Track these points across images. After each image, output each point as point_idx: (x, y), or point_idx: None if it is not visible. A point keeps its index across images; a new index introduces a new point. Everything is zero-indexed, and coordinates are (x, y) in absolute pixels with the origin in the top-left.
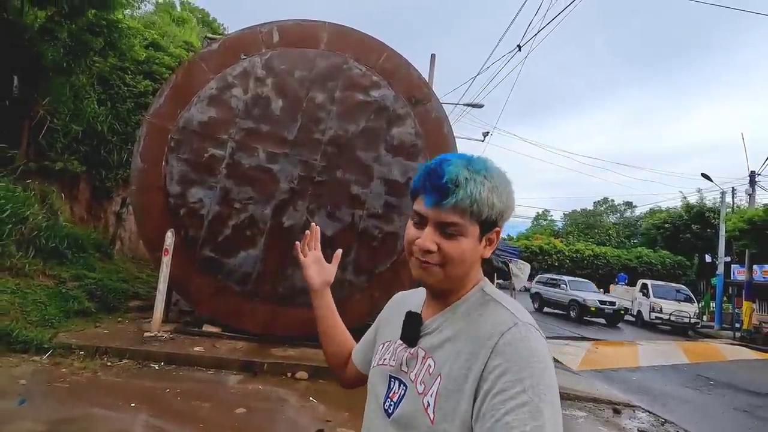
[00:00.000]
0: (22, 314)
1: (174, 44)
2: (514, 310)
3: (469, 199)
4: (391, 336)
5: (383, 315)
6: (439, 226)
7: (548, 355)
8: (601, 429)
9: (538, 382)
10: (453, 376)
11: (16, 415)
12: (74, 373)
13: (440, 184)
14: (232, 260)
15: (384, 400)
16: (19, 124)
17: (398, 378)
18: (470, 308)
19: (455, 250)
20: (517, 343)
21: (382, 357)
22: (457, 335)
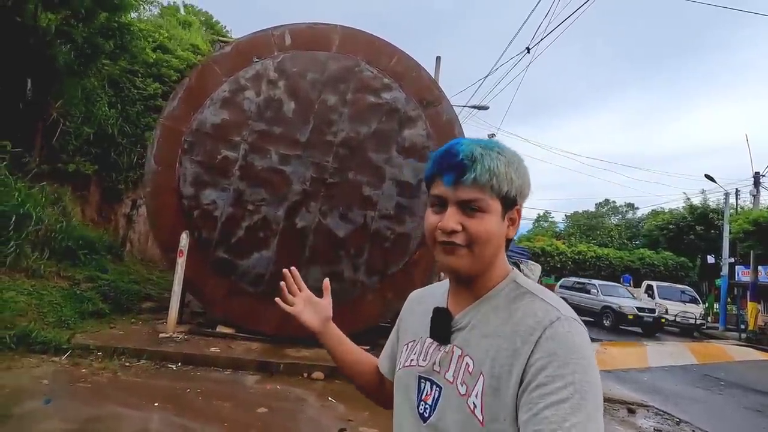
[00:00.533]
0: (39, 315)
1: (181, 47)
2: (555, 304)
3: (488, 173)
4: (415, 335)
5: (403, 316)
6: (461, 205)
7: (592, 350)
8: (617, 428)
9: (581, 379)
10: (496, 374)
11: (44, 414)
12: (94, 373)
13: (457, 162)
14: (245, 261)
15: (417, 404)
16: (32, 127)
17: (429, 378)
18: (505, 301)
19: (481, 227)
20: (560, 337)
21: (408, 358)
22: (495, 331)
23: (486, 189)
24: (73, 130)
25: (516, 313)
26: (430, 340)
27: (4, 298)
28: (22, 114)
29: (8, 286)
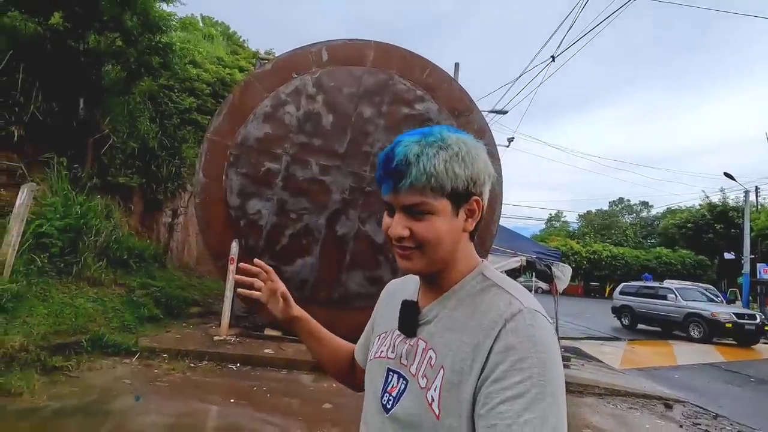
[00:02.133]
0: (105, 321)
1: (208, 60)
2: (519, 295)
3: (424, 175)
4: (387, 327)
5: (378, 306)
6: (406, 210)
7: (554, 344)
8: (658, 422)
9: (539, 373)
10: (456, 369)
11: (140, 409)
12: (167, 373)
13: (392, 169)
14: (290, 268)
15: (381, 395)
16: (84, 143)
17: (398, 371)
18: (470, 294)
19: (427, 231)
20: (520, 330)
21: (379, 349)
22: (459, 324)
23: (426, 191)
24: (119, 145)
25: (480, 306)
26: (397, 333)
27: (76, 305)
28: (75, 131)
29: (77, 294)
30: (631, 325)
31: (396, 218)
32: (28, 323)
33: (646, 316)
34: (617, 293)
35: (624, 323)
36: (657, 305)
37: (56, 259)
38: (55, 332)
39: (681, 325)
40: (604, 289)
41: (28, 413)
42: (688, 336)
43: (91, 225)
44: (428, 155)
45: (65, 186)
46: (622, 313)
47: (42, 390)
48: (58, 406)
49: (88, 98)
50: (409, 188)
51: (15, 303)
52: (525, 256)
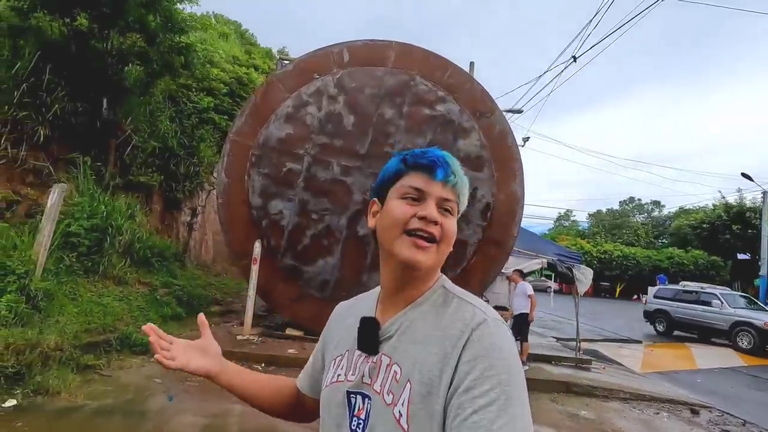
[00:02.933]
0: (131, 319)
1: (224, 60)
2: (482, 307)
3: (463, 185)
4: (343, 349)
5: (327, 330)
6: (439, 202)
7: (515, 351)
8: (686, 428)
9: (506, 379)
10: (425, 380)
11: (175, 409)
12: None
13: (446, 162)
14: (311, 268)
15: (350, 421)
16: (106, 143)
17: (360, 392)
18: (433, 306)
19: (451, 228)
20: (485, 339)
21: (336, 374)
22: (423, 336)
23: (458, 195)
24: (141, 144)
25: (444, 317)
26: (358, 353)
27: (104, 304)
28: (99, 131)
29: (104, 292)
30: (667, 331)
31: (432, 206)
32: (60, 322)
33: (684, 323)
34: (651, 297)
35: (658, 329)
36: (698, 311)
37: (83, 258)
38: (86, 331)
39: (726, 333)
40: (614, 290)
41: (67, 412)
42: (734, 345)
43: (116, 224)
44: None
45: (91, 186)
46: (656, 318)
47: (78, 389)
48: (96, 405)
49: (110, 98)
50: (454, 186)
51: (47, 302)
52: (546, 258)
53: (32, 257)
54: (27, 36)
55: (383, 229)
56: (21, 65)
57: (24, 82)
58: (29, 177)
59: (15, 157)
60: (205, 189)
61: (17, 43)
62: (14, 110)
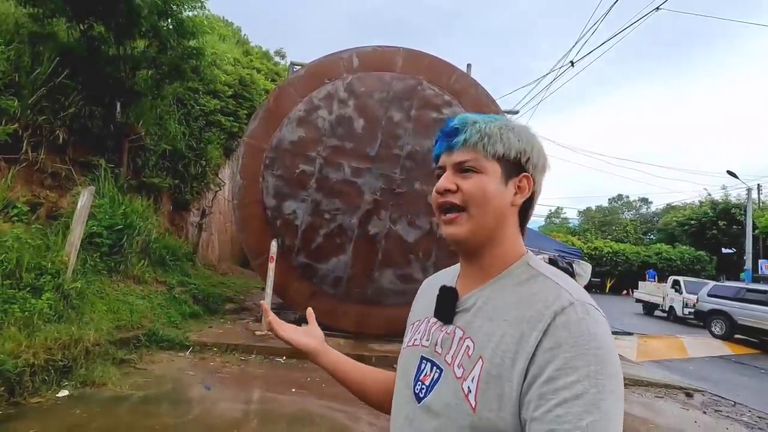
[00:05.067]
0: (154, 317)
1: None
2: (569, 287)
3: (478, 134)
4: (422, 315)
5: (414, 302)
6: (456, 167)
7: (610, 339)
8: (683, 409)
9: (596, 371)
10: (497, 361)
11: (214, 398)
12: (223, 366)
13: (450, 128)
14: (324, 266)
15: (414, 383)
16: (120, 146)
17: (431, 360)
18: (515, 283)
19: (475, 187)
20: (573, 325)
21: (412, 337)
22: (500, 314)
23: (479, 149)
24: (152, 147)
25: (525, 296)
26: (434, 320)
27: (129, 302)
28: (113, 134)
29: (127, 291)
30: (727, 335)
31: (446, 174)
32: (93, 320)
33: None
34: (704, 295)
35: (715, 332)
36: None
37: (106, 258)
38: (116, 327)
39: None
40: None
41: (117, 401)
42: None
43: (134, 225)
44: (485, 120)
45: (111, 187)
46: (712, 319)
47: (120, 380)
48: (142, 394)
49: (123, 102)
50: (462, 145)
51: (79, 300)
52: (548, 254)
53: (63, 258)
54: (46, 42)
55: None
56: (40, 71)
57: (42, 86)
58: (48, 180)
59: (34, 160)
60: (211, 189)
61: (36, 50)
62: (33, 115)
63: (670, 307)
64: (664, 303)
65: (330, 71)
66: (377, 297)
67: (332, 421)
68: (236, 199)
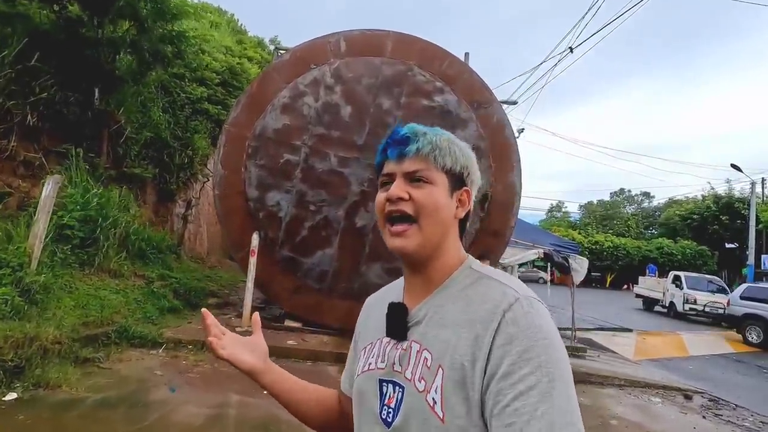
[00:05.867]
0: (128, 312)
1: (216, 49)
2: (512, 284)
3: (429, 145)
4: (373, 337)
5: (359, 322)
6: (407, 176)
7: (554, 328)
8: (681, 413)
9: (546, 360)
10: (456, 366)
11: (178, 400)
12: (195, 364)
13: (401, 137)
14: (309, 259)
15: (380, 409)
16: (99, 134)
17: (391, 380)
18: (461, 288)
19: (427, 197)
20: (520, 319)
21: (367, 362)
22: (453, 319)
23: (429, 160)
24: (134, 136)
25: (473, 298)
26: (387, 339)
27: (100, 297)
28: (91, 121)
29: (100, 285)
30: (765, 342)
31: (396, 182)
32: (57, 315)
33: None
34: (736, 297)
35: (751, 340)
36: None
37: (78, 250)
38: (83, 324)
39: None
40: (605, 280)
41: (70, 405)
42: None
43: (110, 216)
44: (434, 132)
45: (84, 177)
46: (747, 325)
47: (79, 382)
48: (99, 397)
49: (102, 88)
50: (415, 154)
51: (43, 295)
52: (543, 248)
53: (27, 250)
54: (16, 23)
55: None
56: (7, 52)
57: (10, 70)
58: (20, 169)
59: (4, 148)
60: (199, 180)
61: (4, 31)
62: (2, 99)
63: (671, 303)
64: (665, 298)
65: (316, 56)
66: (364, 292)
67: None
68: (217, 190)
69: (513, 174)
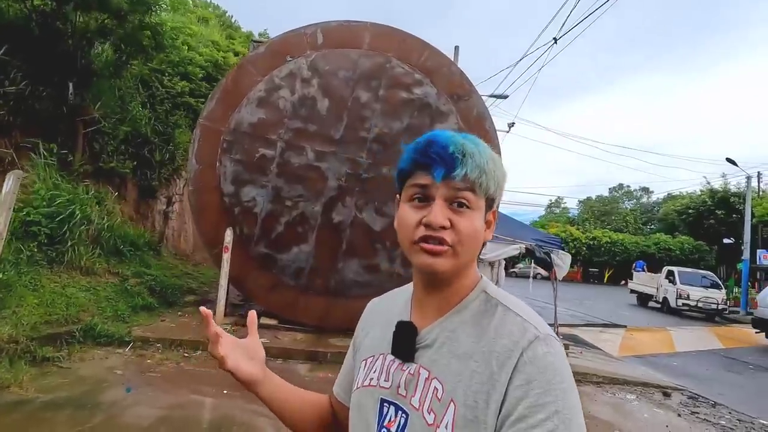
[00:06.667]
0: (98, 310)
1: (202, 44)
2: (531, 319)
3: (478, 169)
4: (375, 350)
5: (361, 328)
6: (450, 201)
7: (569, 370)
8: (656, 411)
9: (563, 407)
10: (470, 404)
11: (131, 401)
12: (160, 364)
13: (448, 154)
14: (285, 256)
15: (378, 430)
16: (74, 129)
17: (395, 403)
18: (475, 315)
19: (469, 226)
20: (539, 361)
21: (368, 377)
22: (466, 350)
23: (475, 186)
24: (111, 131)
25: (488, 329)
26: (391, 357)
27: (67, 295)
28: (66, 116)
29: (68, 283)
30: None
31: (438, 207)
32: (18, 314)
33: None
34: (765, 298)
35: None
36: None
37: (46, 247)
38: (46, 322)
39: None
40: (603, 276)
41: (14, 406)
42: None
43: (81, 212)
44: (481, 153)
45: (52, 172)
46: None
47: (31, 382)
48: (48, 398)
49: (77, 82)
50: (462, 178)
51: (4, 293)
52: (524, 244)
53: None
54: None
55: (399, 235)
56: None
57: None
58: None
59: None
60: (182, 176)
61: None
62: None
63: (664, 298)
64: (658, 294)
65: (293, 48)
66: (341, 289)
67: (252, 429)
68: (191, 185)
69: None
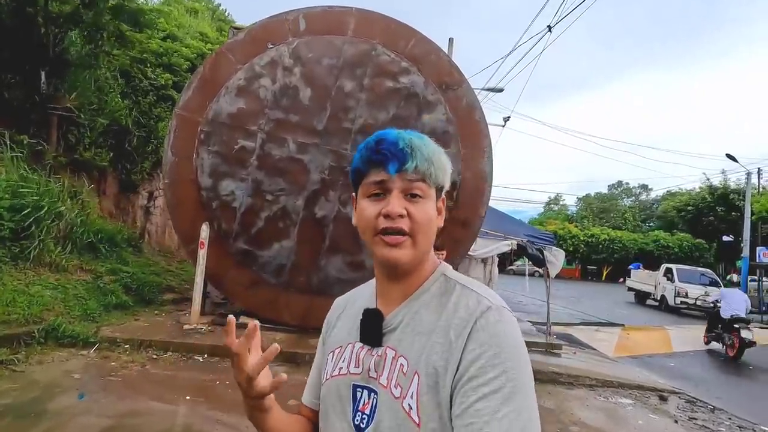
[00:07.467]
0: (66, 309)
1: (190, 35)
2: (485, 294)
3: (426, 161)
4: (342, 341)
5: (326, 326)
6: (404, 192)
7: (521, 337)
8: (652, 417)
9: (512, 366)
10: (431, 371)
11: (80, 409)
12: (124, 366)
13: (399, 150)
14: (266, 252)
15: (353, 415)
16: (48, 120)
17: (366, 386)
18: (435, 296)
19: (423, 214)
20: (490, 327)
21: (337, 366)
22: (428, 326)
23: (426, 177)
24: (87, 123)
25: (448, 306)
26: (359, 345)
27: (31, 293)
28: (38, 107)
29: (34, 281)
30: None
31: (395, 198)
32: None
33: None
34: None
35: None
36: None
37: (10, 243)
38: (4, 322)
39: None
40: (601, 273)
41: None
42: None
43: (51, 206)
44: (427, 145)
45: (18, 164)
46: None
47: None
48: None
49: (50, 71)
50: (414, 170)
51: None
52: (515, 239)
53: None
54: None
55: (360, 230)
56: None
57: None
58: None
59: None
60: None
61: None
62: None
63: (662, 296)
64: (656, 292)
65: (274, 35)
66: (324, 286)
67: None
68: (167, 178)
69: (483, 160)
